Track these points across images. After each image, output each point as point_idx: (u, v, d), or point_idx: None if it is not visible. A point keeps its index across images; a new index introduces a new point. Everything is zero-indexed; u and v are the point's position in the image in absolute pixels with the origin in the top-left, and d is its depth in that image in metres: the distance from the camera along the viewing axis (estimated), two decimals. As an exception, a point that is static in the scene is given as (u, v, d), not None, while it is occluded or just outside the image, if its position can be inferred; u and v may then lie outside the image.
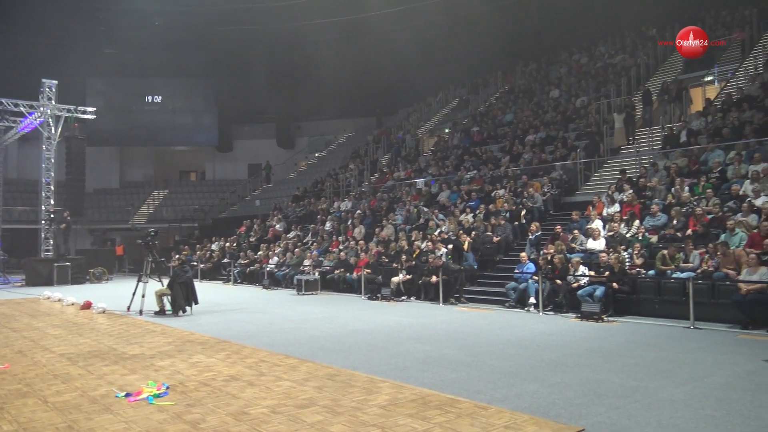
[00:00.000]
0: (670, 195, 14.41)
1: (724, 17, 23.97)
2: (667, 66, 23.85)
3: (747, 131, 15.15)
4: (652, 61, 24.12)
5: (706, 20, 24.33)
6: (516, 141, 21.94)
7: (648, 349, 8.60)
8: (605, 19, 27.11)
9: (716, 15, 24.37)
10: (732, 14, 23.68)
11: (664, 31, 25.09)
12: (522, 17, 28.98)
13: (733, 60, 21.43)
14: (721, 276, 11.03)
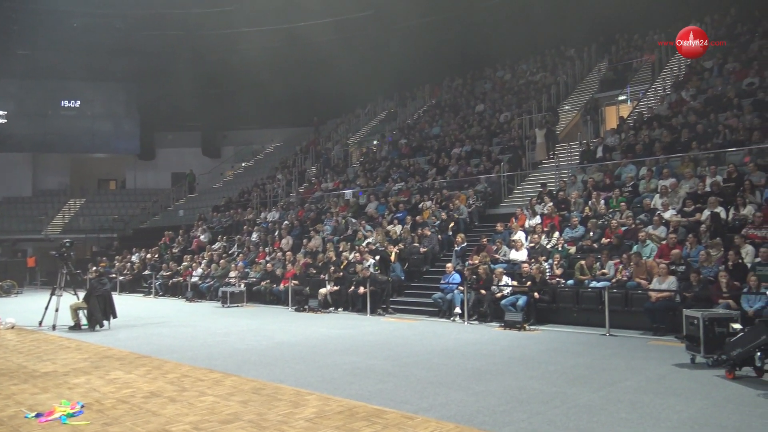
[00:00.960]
0: (588, 208, 15.06)
1: (636, 40, 25.35)
2: (585, 85, 24.97)
3: (657, 148, 16.06)
4: (570, 79, 25.20)
5: (619, 43, 25.68)
6: (442, 154, 22.36)
7: (567, 356, 8.93)
8: (527, 39, 28.12)
9: (629, 38, 25.75)
10: (643, 38, 25.08)
11: (581, 51, 26.28)
12: (449, 33, 29.67)
13: (644, 81, 22.68)
14: (634, 285, 11.61)
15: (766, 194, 12.49)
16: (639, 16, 24.54)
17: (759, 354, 7.03)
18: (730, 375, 7.31)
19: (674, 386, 6.99)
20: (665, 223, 12.96)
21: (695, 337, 8.18)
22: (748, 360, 7.21)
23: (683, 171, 14.59)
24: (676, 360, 8.39)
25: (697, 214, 12.81)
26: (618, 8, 23.05)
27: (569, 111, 23.43)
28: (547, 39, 28.22)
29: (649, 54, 23.50)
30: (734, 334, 7.61)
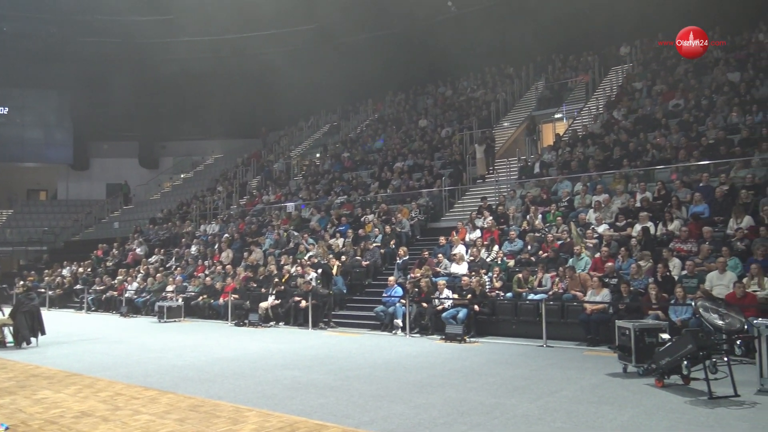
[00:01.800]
0: (526, 222, 15.45)
1: (570, 61, 26.31)
2: (523, 102, 25.70)
3: (591, 165, 16.66)
4: (509, 97, 25.89)
5: (555, 63, 26.59)
6: (385, 167, 22.52)
7: (506, 368, 9.11)
8: (468, 56, 28.76)
9: (564, 59, 26.70)
10: (577, 59, 26.06)
11: (520, 70, 27.07)
12: (392, 49, 30.01)
13: (578, 100, 23.55)
14: (570, 297, 11.97)
15: (692, 210, 13.14)
16: (573, 38, 25.48)
17: (686, 362, 7.35)
18: (659, 383, 7.62)
19: (607, 395, 7.23)
20: (598, 237, 13.42)
21: (627, 347, 8.48)
22: (676, 368, 7.52)
23: (615, 187, 15.18)
24: (609, 369, 8.67)
25: (629, 229, 13.34)
26: (554, 30, 23.88)
27: (508, 127, 24.04)
28: (487, 57, 28.94)
29: (584, 74, 24.42)
30: (663, 344, 7.93)
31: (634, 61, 23.84)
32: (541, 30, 24.50)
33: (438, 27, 28.76)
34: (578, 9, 21.49)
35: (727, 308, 7.66)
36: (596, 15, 22.12)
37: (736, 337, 7.42)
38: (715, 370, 7.13)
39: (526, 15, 24.81)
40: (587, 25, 23.18)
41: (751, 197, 12.53)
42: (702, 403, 6.72)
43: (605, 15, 22.08)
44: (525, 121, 23.59)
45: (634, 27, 24.14)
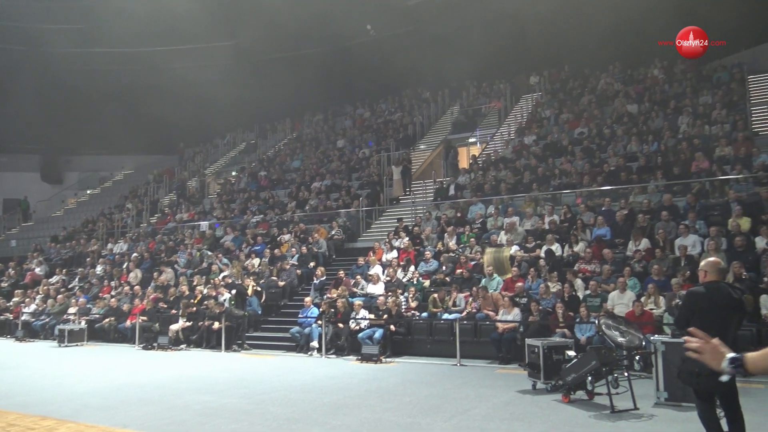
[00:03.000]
0: (441, 243, 15.78)
1: (484, 88, 27.31)
2: (439, 126, 26.35)
3: (502, 188, 17.28)
4: (426, 120, 26.50)
5: (470, 89, 27.50)
6: (302, 187, 22.41)
7: (421, 387, 9.21)
8: (386, 79, 29.19)
9: (478, 86, 27.67)
10: (490, 86, 27.08)
11: (436, 95, 27.80)
12: (310, 70, 30.02)
13: (491, 125, 24.42)
14: (483, 317, 12.29)
15: (595, 232, 13.87)
16: (486, 66, 26.45)
17: (590, 378, 7.72)
18: (565, 399, 7.93)
19: (518, 412, 7.45)
20: (510, 258, 13.90)
21: (536, 364, 8.80)
22: (581, 384, 7.87)
23: (525, 210, 15.81)
24: (519, 386, 8.94)
25: (537, 250, 13.90)
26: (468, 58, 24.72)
27: (424, 150, 24.56)
28: (404, 81, 29.52)
29: (496, 101, 25.40)
30: (569, 361, 8.29)
31: (542, 90, 25.05)
32: (456, 57, 25.26)
33: (357, 50, 29.07)
34: (491, 39, 22.37)
35: (627, 326, 8.11)
36: (508, 45, 23.10)
37: (636, 353, 7.86)
38: (617, 385, 7.53)
39: (441, 42, 25.52)
40: (499, 55, 24.12)
41: (648, 221, 13.39)
42: (605, 417, 7.05)
43: (516, 46, 23.12)
44: (440, 144, 24.19)
45: (542, 58, 25.39)
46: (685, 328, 5.42)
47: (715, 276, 5.05)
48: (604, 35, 20.52)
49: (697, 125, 17.12)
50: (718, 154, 15.23)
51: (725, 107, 17.86)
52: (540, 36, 21.45)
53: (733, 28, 20.76)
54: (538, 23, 21.08)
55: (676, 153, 15.98)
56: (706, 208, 13.52)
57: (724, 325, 4.77)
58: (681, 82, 20.79)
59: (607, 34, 20.34)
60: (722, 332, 4.49)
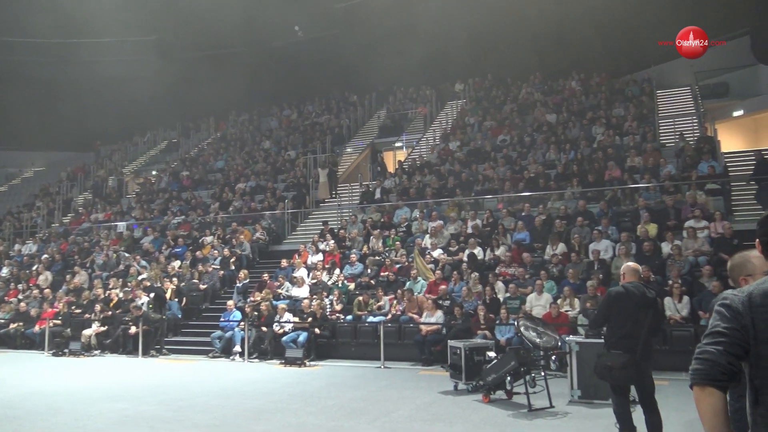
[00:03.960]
0: (366, 246, 15.85)
1: (411, 93, 27.68)
2: (366, 130, 26.48)
3: (427, 193, 17.55)
4: (353, 124, 26.56)
5: (396, 94, 27.81)
6: (226, 188, 21.95)
7: (345, 390, 9.21)
8: (313, 81, 29.12)
9: (405, 91, 28.02)
10: (417, 91, 27.49)
11: (363, 98, 27.93)
12: (237, 68, 29.48)
13: (417, 130, 24.77)
14: (407, 319, 12.43)
15: (515, 237, 14.32)
16: (413, 71, 26.82)
17: (509, 378, 7.96)
18: (486, 399, 8.15)
19: (440, 412, 7.58)
20: (434, 261, 14.13)
21: (458, 365, 8.99)
22: (501, 384, 8.11)
23: (449, 214, 16.13)
24: (442, 388, 9.10)
25: (460, 254, 14.21)
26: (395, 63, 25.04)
27: (351, 153, 24.62)
28: (332, 83, 29.51)
29: (422, 107, 25.80)
30: (489, 362, 8.52)
31: (467, 98, 25.64)
32: (383, 62, 25.52)
33: (284, 50, 28.86)
34: (418, 45, 22.74)
35: (545, 327, 8.42)
36: (435, 52, 23.54)
37: (552, 354, 8.17)
38: (534, 384, 7.80)
39: (369, 46, 25.73)
40: (426, 61, 24.55)
41: (564, 226, 13.96)
42: (522, 416, 7.29)
43: (443, 53, 23.60)
44: (367, 147, 24.31)
45: (467, 66, 26.00)
46: (602, 326, 5.79)
47: (632, 278, 5.54)
48: (525, 47, 21.29)
49: (611, 136, 18.00)
50: (629, 163, 16.08)
51: (636, 119, 18.87)
52: (465, 45, 21.99)
53: (642, 47, 22.03)
54: (464, 32, 21.61)
55: (591, 162, 16.73)
56: (617, 214, 14.25)
57: (638, 321, 5.29)
58: (596, 94, 21.81)
59: (529, 46, 21.11)
60: (636, 327, 5.29)
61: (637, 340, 5.29)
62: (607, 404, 7.50)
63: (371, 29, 25.35)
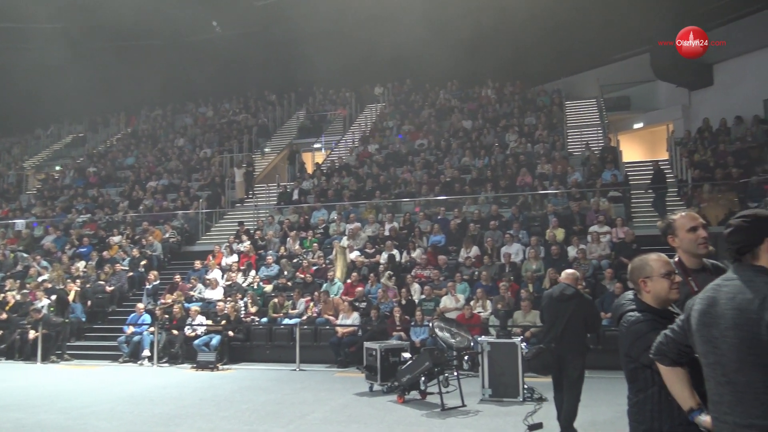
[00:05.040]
0: (283, 247, 15.68)
1: (331, 95, 27.65)
2: (284, 130, 26.20)
3: (345, 195, 17.59)
4: (271, 123, 26.22)
5: (316, 95, 27.69)
6: (137, 186, 21.11)
7: (259, 394, 9.07)
8: (230, 79, 28.46)
9: (324, 92, 27.96)
10: (337, 93, 27.49)
11: (282, 98, 27.63)
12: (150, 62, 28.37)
13: (336, 132, 24.76)
14: (323, 321, 12.40)
15: (431, 239, 14.60)
16: (333, 73, 26.78)
17: (423, 378, 8.11)
18: (400, 399, 8.25)
19: (355, 414, 7.62)
20: (351, 263, 14.18)
21: (373, 367, 9.06)
22: (415, 384, 8.24)
23: (367, 216, 16.23)
24: (357, 389, 9.14)
25: (377, 256, 14.33)
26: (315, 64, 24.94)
27: (269, 153, 24.28)
28: (250, 82, 28.99)
29: (342, 109, 25.83)
30: (404, 363, 8.64)
31: (386, 101, 25.90)
32: (303, 62, 25.34)
33: (201, 46, 28.01)
34: (339, 47, 22.74)
35: (458, 328, 8.64)
36: (355, 55, 23.64)
37: (465, 354, 8.40)
38: (447, 384, 7.99)
39: (289, 46, 25.43)
40: (347, 63, 24.59)
41: (478, 230, 14.38)
42: (436, 415, 7.44)
43: (363, 56, 23.71)
44: (285, 148, 24.07)
45: (387, 70, 26.23)
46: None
47: (564, 280, 6.30)
48: (443, 53, 21.73)
49: (523, 143, 18.71)
50: (540, 170, 16.76)
51: (546, 128, 19.70)
52: (386, 49, 22.17)
53: (553, 59, 23.04)
54: (385, 36, 21.79)
55: (504, 168, 17.32)
56: (528, 219, 14.82)
57: (558, 314, 6.08)
58: (510, 103, 22.60)
59: (447, 53, 21.56)
60: (558, 319, 6.06)
61: (557, 333, 5.98)
62: (516, 402, 7.83)
63: (291, 29, 25.04)
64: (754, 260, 2.32)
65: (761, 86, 18.04)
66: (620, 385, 3.37)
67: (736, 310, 2.24)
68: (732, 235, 2.38)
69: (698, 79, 19.81)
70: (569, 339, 5.93)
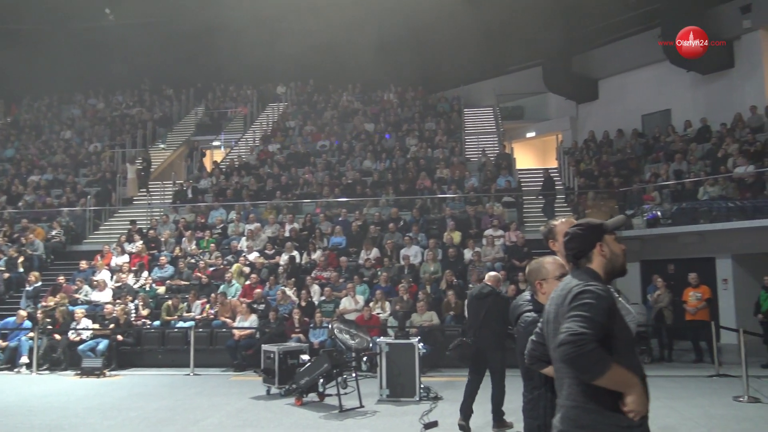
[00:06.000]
0: (179, 248, 15.14)
1: (231, 92, 26.99)
2: (182, 126, 25.28)
3: (245, 194, 17.24)
4: (168, 119, 25.19)
5: (215, 91, 26.93)
6: (16, 180, 19.62)
7: (150, 400, 8.71)
8: (124, 70, 27.08)
9: (225, 88, 27.25)
10: (238, 91, 26.88)
11: (180, 93, 26.65)
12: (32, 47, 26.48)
13: (237, 130, 24.21)
14: (219, 324, 12.09)
15: (332, 241, 14.62)
16: (235, 69, 26.17)
17: (322, 380, 8.10)
18: (298, 402, 8.21)
19: (251, 418, 7.49)
20: (249, 265, 13.91)
21: (271, 369, 8.95)
22: (313, 387, 8.22)
23: (267, 217, 15.99)
24: (254, 393, 8.99)
25: (277, 257, 14.16)
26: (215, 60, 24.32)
27: (165, 150, 23.35)
28: (146, 74, 27.77)
29: (243, 106, 25.30)
30: (303, 365, 8.60)
31: (289, 101, 25.64)
32: (203, 56, 24.63)
33: (93, 33, 26.49)
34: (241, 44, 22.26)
35: (357, 329, 8.71)
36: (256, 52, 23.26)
37: (363, 355, 8.48)
38: (346, 385, 8.04)
39: (188, 39, 24.60)
40: (247, 60, 24.12)
41: (378, 232, 14.56)
42: (333, 417, 7.46)
43: (265, 54, 23.36)
44: (183, 144, 23.25)
45: (290, 70, 25.97)
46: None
47: (487, 281, 6.90)
48: (347, 56, 21.85)
49: (423, 148, 19.14)
50: (438, 175, 17.22)
51: (446, 134, 20.27)
52: (289, 48, 21.94)
53: (454, 67, 23.77)
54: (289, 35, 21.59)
55: (404, 171, 17.64)
56: (427, 222, 15.19)
57: (477, 311, 6.66)
58: (411, 108, 23.05)
59: (351, 55, 21.70)
60: (476, 316, 6.63)
61: (476, 328, 6.58)
62: (413, 401, 8.01)
63: (191, 22, 24.22)
64: (588, 264, 2.55)
65: (640, 102, 19.54)
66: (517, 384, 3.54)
67: (552, 305, 2.52)
68: (569, 242, 2.61)
69: (585, 93, 21.12)
70: (486, 333, 6.46)
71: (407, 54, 22.50)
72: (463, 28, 21.14)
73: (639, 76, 19.70)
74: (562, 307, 2.42)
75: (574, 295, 2.38)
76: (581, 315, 2.30)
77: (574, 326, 2.27)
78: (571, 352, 2.24)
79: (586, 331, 2.24)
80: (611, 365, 2.25)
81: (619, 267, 2.56)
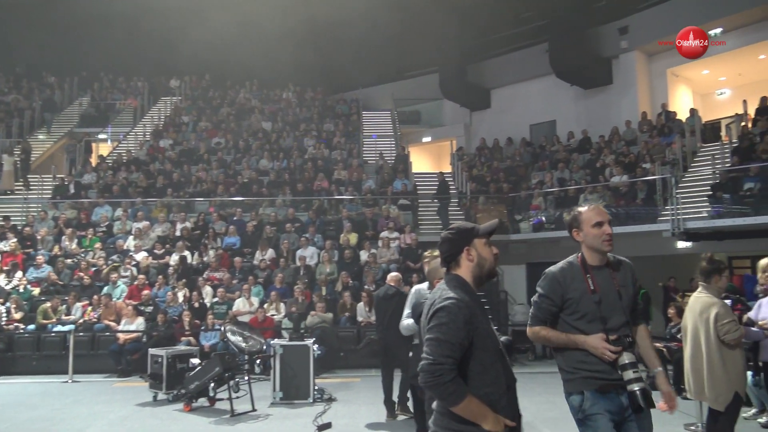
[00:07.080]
0: (58, 246, 14.18)
1: (120, 83, 25.63)
2: (65, 116, 23.66)
3: (133, 191, 16.43)
4: (49, 108, 23.50)
5: (103, 81, 25.48)
6: None
7: (21, 410, 8.11)
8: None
9: (113, 80, 25.83)
10: (128, 82, 25.56)
11: (63, 81, 24.95)
12: None
13: (125, 123, 22.99)
14: (102, 327, 11.45)
15: (226, 241, 14.25)
16: (125, 59, 24.89)
17: (213, 384, 7.89)
18: (187, 407, 7.94)
19: (136, 426, 7.16)
20: (136, 265, 13.28)
21: (159, 374, 8.59)
22: (204, 391, 7.99)
23: (157, 215, 15.32)
24: (140, 399, 8.59)
25: (167, 257, 13.61)
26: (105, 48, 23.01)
27: (44, 141, 21.79)
28: (23, 59, 25.80)
29: (132, 99, 24.09)
30: (193, 369, 8.32)
31: (182, 95, 24.71)
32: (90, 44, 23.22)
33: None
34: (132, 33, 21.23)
35: (251, 331, 8.56)
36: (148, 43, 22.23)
37: (256, 357, 8.34)
38: (238, 389, 7.88)
39: (74, 26, 23.08)
40: (138, 51, 23.02)
41: (274, 233, 14.37)
42: (224, 421, 7.29)
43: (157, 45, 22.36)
44: (65, 136, 21.80)
45: (185, 63, 25.04)
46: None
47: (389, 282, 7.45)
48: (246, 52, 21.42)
49: (321, 148, 19.10)
50: (336, 176, 17.26)
51: (344, 136, 20.35)
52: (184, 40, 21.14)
53: (353, 69, 23.93)
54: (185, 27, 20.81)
55: (301, 172, 17.52)
56: (324, 223, 15.17)
57: (383, 311, 7.16)
58: (310, 108, 22.94)
59: (249, 52, 21.30)
60: (383, 315, 7.14)
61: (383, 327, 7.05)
62: (307, 403, 8.00)
63: (76, 7, 22.72)
64: (456, 269, 2.62)
65: (528, 113, 20.57)
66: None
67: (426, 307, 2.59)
68: (440, 246, 2.69)
69: (478, 101, 21.95)
70: (393, 332, 6.59)
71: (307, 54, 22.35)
72: (364, 31, 21.34)
73: (528, 88, 20.72)
74: (427, 317, 2.51)
75: (433, 313, 2.45)
76: (437, 339, 2.38)
77: (432, 353, 2.36)
78: (429, 381, 2.36)
79: (443, 361, 2.34)
80: (465, 397, 2.36)
81: (487, 271, 2.60)
